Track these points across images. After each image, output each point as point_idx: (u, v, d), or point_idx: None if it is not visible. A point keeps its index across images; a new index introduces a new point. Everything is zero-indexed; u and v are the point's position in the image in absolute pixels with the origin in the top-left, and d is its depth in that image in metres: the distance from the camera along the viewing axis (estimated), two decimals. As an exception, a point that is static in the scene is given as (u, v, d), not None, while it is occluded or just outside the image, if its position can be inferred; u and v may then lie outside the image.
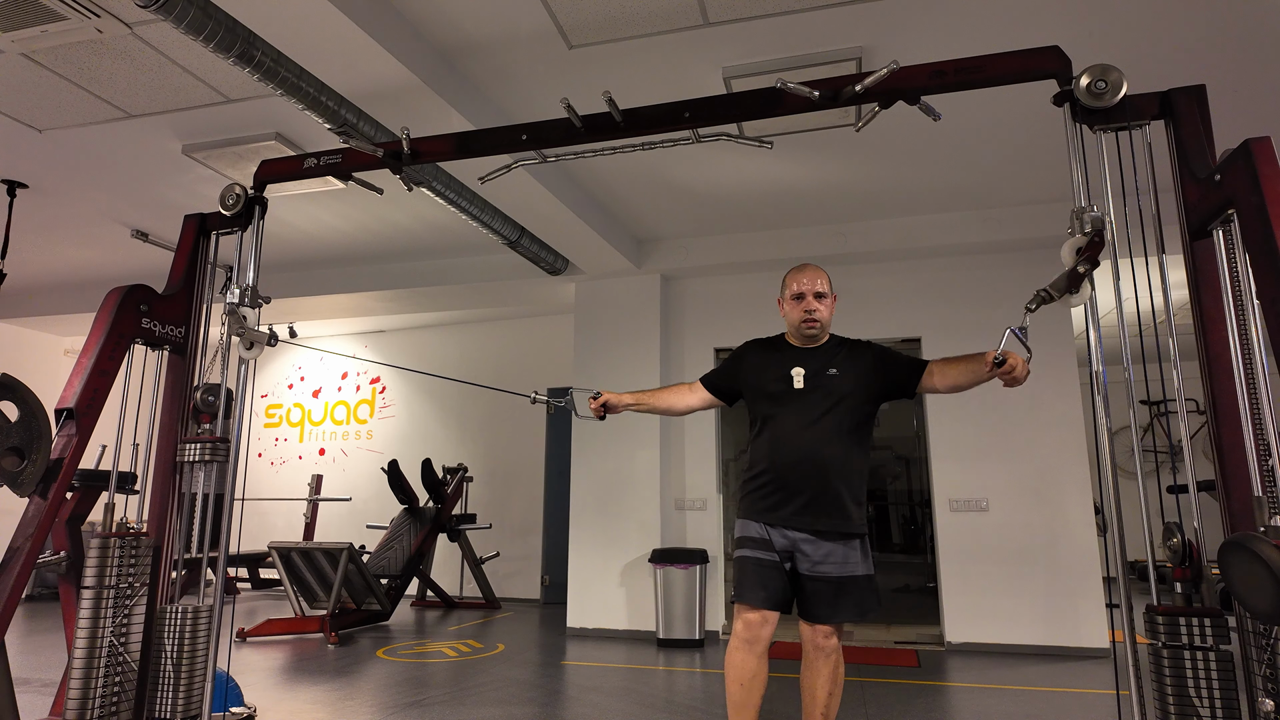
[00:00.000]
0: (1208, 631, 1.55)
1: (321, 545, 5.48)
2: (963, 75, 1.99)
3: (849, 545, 2.38)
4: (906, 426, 6.48)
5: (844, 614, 2.35)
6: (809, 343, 2.53)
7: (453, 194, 4.37)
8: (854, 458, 2.41)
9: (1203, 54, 3.44)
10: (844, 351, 2.51)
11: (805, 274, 2.53)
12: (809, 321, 2.48)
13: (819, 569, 2.35)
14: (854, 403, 2.42)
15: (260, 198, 2.49)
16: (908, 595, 6.66)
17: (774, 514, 2.40)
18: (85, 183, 4.81)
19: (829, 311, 2.52)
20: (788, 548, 2.38)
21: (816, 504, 2.36)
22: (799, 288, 2.51)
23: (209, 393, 2.38)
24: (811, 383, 2.44)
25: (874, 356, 2.49)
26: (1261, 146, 1.52)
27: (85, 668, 2.09)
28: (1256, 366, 1.55)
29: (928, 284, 5.52)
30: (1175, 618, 1.57)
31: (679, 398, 2.66)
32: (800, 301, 2.50)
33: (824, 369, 2.46)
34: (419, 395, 8.29)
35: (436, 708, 3.52)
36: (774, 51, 3.42)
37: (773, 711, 3.50)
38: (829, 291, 2.53)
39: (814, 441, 2.37)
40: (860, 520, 2.41)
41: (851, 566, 2.36)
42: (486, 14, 3.16)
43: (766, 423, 2.49)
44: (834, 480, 2.36)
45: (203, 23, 2.73)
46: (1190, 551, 1.62)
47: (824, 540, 2.36)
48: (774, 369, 2.51)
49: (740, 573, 2.41)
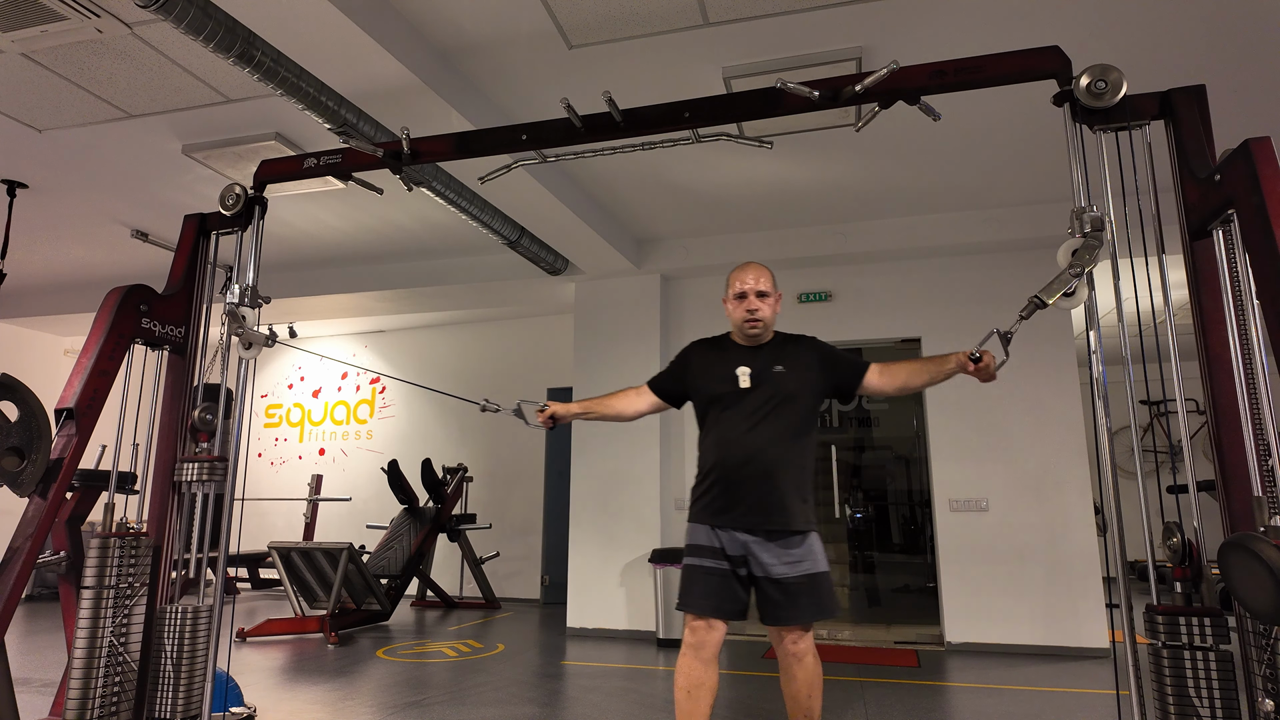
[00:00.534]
0: (1208, 631, 1.55)
1: (321, 545, 5.48)
2: (963, 75, 1.99)
3: (801, 544, 2.34)
4: (906, 426, 6.47)
5: (806, 613, 2.31)
6: (753, 341, 2.51)
7: (453, 194, 4.37)
8: (801, 456, 2.39)
9: (1203, 54, 3.44)
10: (789, 348, 2.50)
11: (748, 272, 2.49)
12: (751, 321, 2.45)
13: (774, 570, 2.31)
14: (800, 400, 2.41)
15: (260, 198, 2.49)
16: (907, 595, 6.66)
17: (723, 516, 2.36)
18: (85, 183, 4.81)
19: (772, 310, 2.49)
20: (740, 553, 2.35)
21: (765, 505, 2.33)
22: (741, 286, 2.48)
23: (207, 411, 2.38)
24: (757, 381, 2.42)
25: (819, 355, 2.49)
26: (1261, 147, 1.52)
27: (85, 668, 2.09)
28: (1256, 366, 1.55)
29: (928, 284, 5.51)
30: (1175, 617, 1.57)
31: (627, 403, 2.62)
32: (742, 301, 2.47)
33: (770, 366, 2.44)
34: (419, 395, 8.29)
35: (436, 708, 3.52)
36: (774, 51, 3.42)
37: (775, 711, 3.50)
38: (772, 290, 2.50)
39: (761, 442, 2.35)
40: (809, 517, 2.38)
41: (807, 565, 2.33)
42: (486, 14, 3.16)
43: (713, 424, 2.47)
44: (782, 480, 2.33)
45: (202, 23, 2.73)
46: (1190, 551, 1.62)
47: (775, 541, 2.33)
48: (719, 369, 2.49)
49: (686, 580, 2.38)
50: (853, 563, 6.79)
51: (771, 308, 2.49)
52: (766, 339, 2.52)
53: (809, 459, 2.43)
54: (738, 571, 2.34)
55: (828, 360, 2.48)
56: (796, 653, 2.35)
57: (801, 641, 2.35)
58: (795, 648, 2.35)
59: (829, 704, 3.64)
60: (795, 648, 2.35)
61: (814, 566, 2.34)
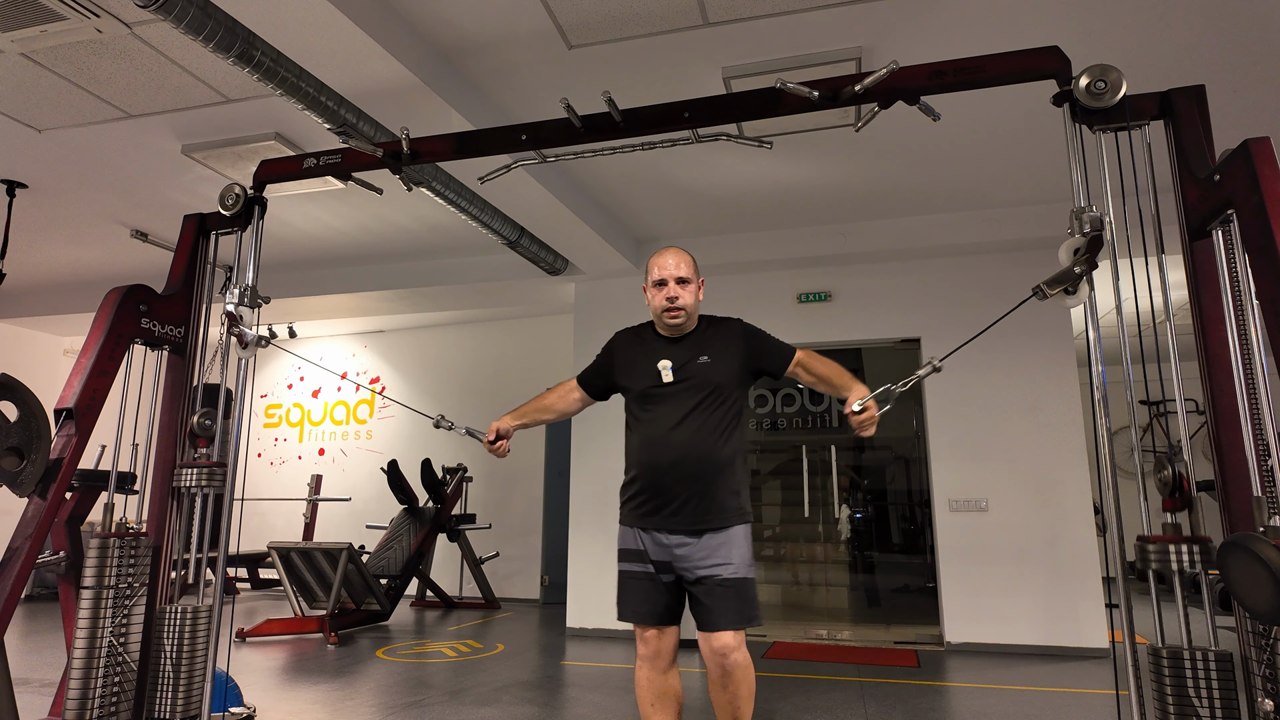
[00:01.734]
0: (1195, 557, 1.58)
1: (321, 545, 5.48)
2: (962, 75, 1.99)
3: (729, 545, 2.21)
4: (906, 427, 6.47)
5: (730, 617, 2.15)
6: (675, 331, 2.38)
7: (452, 194, 4.37)
8: (729, 449, 2.27)
9: (1203, 54, 3.44)
10: (713, 334, 2.38)
11: (667, 257, 2.37)
12: (671, 310, 2.33)
13: (697, 572, 2.19)
14: (727, 389, 2.30)
15: (260, 198, 2.49)
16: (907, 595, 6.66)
17: (650, 519, 2.26)
18: (85, 183, 4.81)
19: (694, 298, 2.37)
20: (665, 559, 2.24)
21: (692, 506, 2.22)
22: (660, 273, 2.35)
23: (206, 417, 2.38)
24: (681, 374, 2.29)
25: (743, 336, 2.39)
26: (1260, 146, 1.52)
27: (85, 668, 2.08)
28: (1256, 367, 1.55)
29: (928, 284, 5.51)
30: (1165, 545, 1.60)
31: (560, 398, 2.53)
32: (662, 288, 2.34)
33: (694, 358, 2.31)
34: (419, 395, 8.29)
35: (436, 708, 3.52)
36: (774, 51, 3.42)
37: (775, 711, 3.50)
38: (693, 276, 2.38)
39: (686, 440, 2.23)
40: (739, 510, 2.26)
41: (731, 569, 2.18)
42: (486, 14, 3.16)
43: (637, 422, 2.35)
44: (710, 478, 2.22)
45: (202, 22, 2.73)
46: (1180, 482, 1.64)
47: (701, 540, 2.21)
48: (641, 363, 2.36)
49: (620, 588, 2.30)
50: (852, 563, 6.79)
51: (694, 295, 2.37)
52: (690, 327, 2.39)
53: (739, 450, 2.32)
54: (662, 577, 2.24)
55: (753, 341, 2.38)
56: (725, 662, 2.15)
57: (732, 648, 2.16)
58: (724, 654, 2.15)
59: (829, 704, 3.64)
60: (724, 654, 2.15)
61: (739, 571, 2.20)
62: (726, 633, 2.15)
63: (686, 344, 2.36)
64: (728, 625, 2.15)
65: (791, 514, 6.74)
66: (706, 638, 2.18)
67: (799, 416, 6.51)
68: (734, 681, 2.17)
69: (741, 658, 2.17)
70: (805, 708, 3.57)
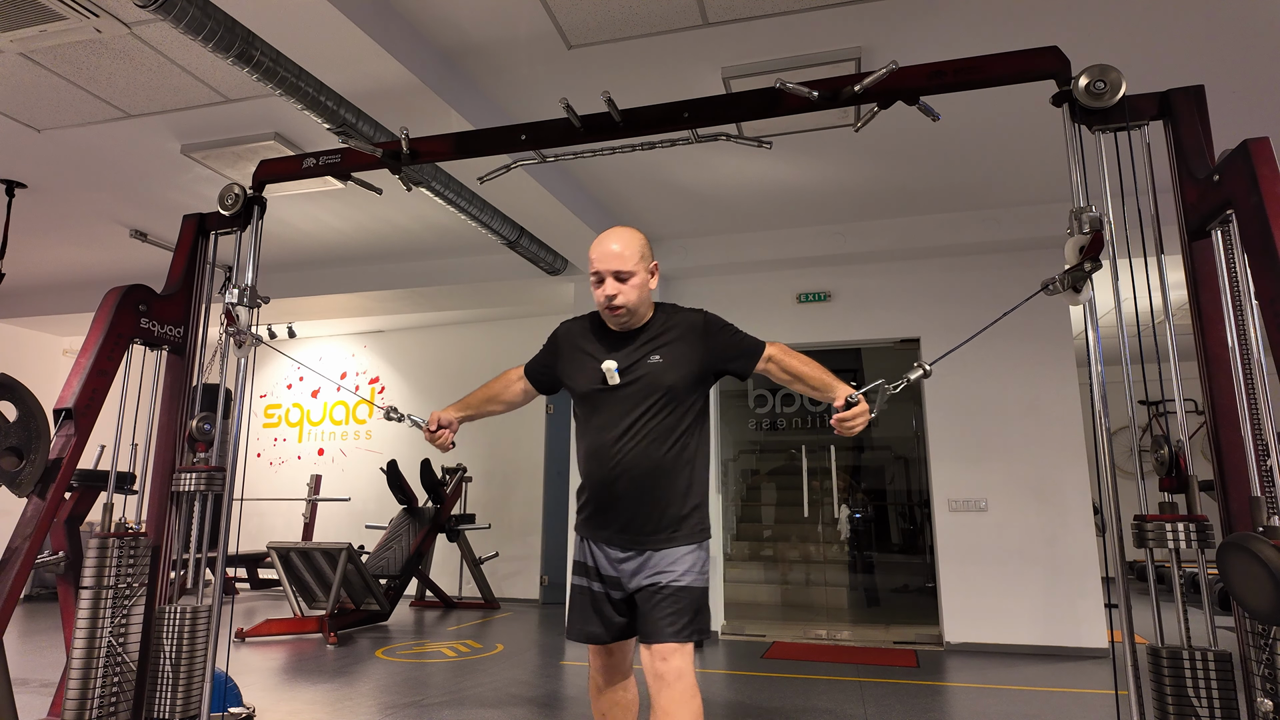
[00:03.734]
0: (1192, 535, 1.58)
1: (320, 545, 5.48)
2: (962, 75, 1.99)
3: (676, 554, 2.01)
4: (906, 426, 6.48)
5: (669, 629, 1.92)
6: (624, 327, 2.11)
7: (452, 194, 4.37)
8: (685, 457, 2.05)
9: (1203, 54, 3.44)
10: (670, 328, 2.10)
11: (606, 244, 2.04)
12: (612, 310, 2.04)
13: (641, 580, 2.01)
14: (682, 392, 2.04)
15: (259, 198, 2.49)
16: (906, 595, 6.66)
17: (599, 532, 2.09)
18: (84, 183, 4.80)
19: (638, 293, 2.04)
20: (613, 573, 2.06)
21: (638, 524, 2.02)
22: (595, 266, 2.04)
23: (205, 421, 2.37)
24: (629, 375, 2.03)
25: (704, 332, 2.09)
26: (1260, 147, 1.52)
27: (84, 668, 2.08)
28: (1255, 367, 1.55)
29: (927, 284, 5.52)
30: (1162, 524, 1.61)
31: (506, 387, 2.30)
32: (600, 286, 2.04)
33: (644, 357, 2.04)
34: (418, 395, 8.29)
35: (435, 708, 3.52)
36: (773, 51, 3.42)
37: (775, 711, 3.50)
38: (637, 267, 2.03)
39: (631, 451, 2.00)
40: (691, 530, 2.04)
41: (672, 576, 1.98)
42: (486, 14, 3.16)
43: (583, 428, 2.13)
44: (658, 494, 2.01)
45: (201, 22, 2.73)
46: (1176, 461, 1.65)
47: (644, 557, 2.02)
48: (586, 362, 2.10)
49: (569, 605, 2.17)
50: (851, 563, 6.79)
51: (638, 290, 2.04)
52: (640, 322, 2.11)
53: (696, 458, 2.08)
54: (612, 594, 2.06)
55: (715, 338, 2.09)
56: (663, 674, 1.90)
57: (671, 661, 1.91)
58: (664, 668, 1.90)
59: (828, 704, 3.64)
60: (664, 668, 1.90)
61: (685, 579, 1.98)
62: (664, 645, 1.91)
63: (638, 341, 2.08)
64: (666, 638, 1.91)
65: (791, 514, 6.74)
66: (647, 650, 1.95)
67: (798, 416, 6.52)
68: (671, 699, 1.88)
69: (675, 674, 1.90)
70: (805, 708, 3.57)
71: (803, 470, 6.36)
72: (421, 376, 8.38)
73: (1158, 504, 1.66)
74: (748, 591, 6.64)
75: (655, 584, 1.98)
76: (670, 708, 1.88)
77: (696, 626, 1.96)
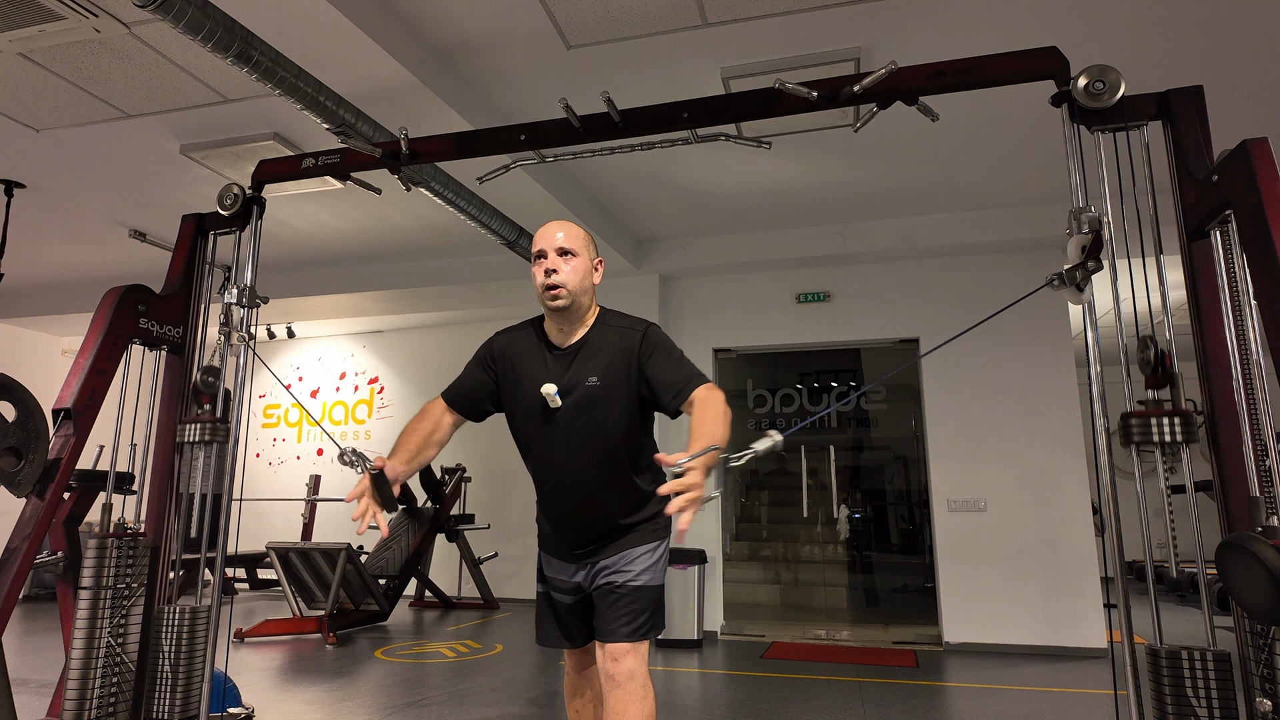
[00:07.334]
0: (1177, 429, 1.61)
1: (319, 545, 5.48)
2: (961, 76, 1.99)
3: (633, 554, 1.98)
4: (905, 427, 6.48)
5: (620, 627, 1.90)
6: (562, 332, 2.02)
7: (451, 194, 4.37)
8: (640, 462, 2.02)
9: (1202, 54, 3.44)
10: (608, 347, 1.98)
11: (552, 227, 2.01)
12: (550, 288, 1.94)
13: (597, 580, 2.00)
14: (623, 409, 1.96)
15: (258, 198, 2.49)
16: (905, 595, 6.67)
17: (555, 548, 2.10)
18: (83, 183, 4.80)
19: (579, 277, 1.96)
20: (574, 582, 2.07)
21: (590, 538, 2.01)
22: (539, 243, 1.99)
23: (209, 374, 2.38)
24: (569, 399, 1.96)
25: (638, 356, 1.96)
26: (1259, 147, 1.52)
27: (83, 668, 2.08)
28: (1254, 367, 1.55)
29: (927, 284, 5.52)
30: (1147, 419, 1.63)
31: (437, 426, 2.13)
32: (541, 261, 1.97)
33: (582, 379, 1.95)
34: (418, 395, 8.29)
35: (435, 708, 3.52)
36: (772, 52, 3.42)
37: (775, 711, 3.50)
38: (581, 250, 1.98)
39: (577, 467, 1.98)
40: (652, 525, 2.02)
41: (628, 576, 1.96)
42: (485, 14, 3.16)
43: (526, 451, 2.10)
44: (607, 506, 1.99)
45: (200, 22, 2.73)
46: (1163, 360, 1.67)
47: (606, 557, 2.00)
48: (524, 385, 2.02)
49: (537, 610, 2.17)
50: (851, 563, 6.79)
51: (580, 273, 1.96)
52: (576, 318, 2.00)
53: (640, 462, 2.03)
54: (573, 599, 2.09)
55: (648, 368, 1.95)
56: (615, 675, 1.86)
57: (623, 662, 1.87)
58: (615, 669, 1.87)
59: (828, 704, 3.64)
60: (615, 669, 1.87)
61: (639, 579, 1.96)
62: (617, 645, 1.88)
63: (577, 359, 1.99)
64: (619, 638, 1.88)
65: (790, 514, 6.75)
66: (600, 649, 1.93)
67: (798, 416, 6.52)
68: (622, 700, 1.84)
69: (626, 674, 1.86)
70: (804, 708, 3.57)
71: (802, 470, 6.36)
72: (421, 376, 8.38)
73: (1140, 401, 1.68)
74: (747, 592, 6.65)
75: (611, 584, 1.96)
76: (620, 707, 1.85)
77: (651, 624, 1.95)
